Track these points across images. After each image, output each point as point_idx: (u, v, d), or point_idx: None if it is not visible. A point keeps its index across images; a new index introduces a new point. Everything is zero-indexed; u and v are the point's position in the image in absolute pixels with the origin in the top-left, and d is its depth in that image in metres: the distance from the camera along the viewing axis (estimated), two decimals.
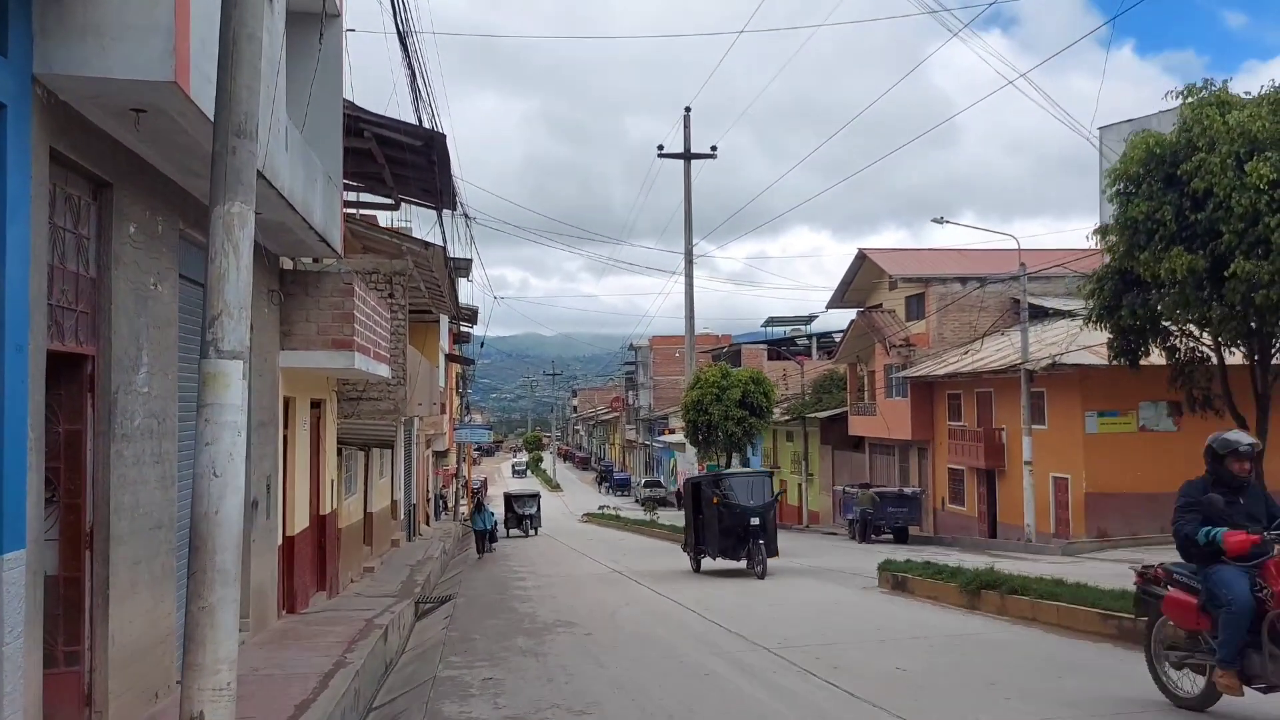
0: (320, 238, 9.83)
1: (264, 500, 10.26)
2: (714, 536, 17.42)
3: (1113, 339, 17.34)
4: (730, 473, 18.74)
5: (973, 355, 29.76)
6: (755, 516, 16.84)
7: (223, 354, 4.90)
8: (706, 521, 17.86)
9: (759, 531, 16.80)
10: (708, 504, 17.68)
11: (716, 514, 17.25)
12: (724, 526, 17.08)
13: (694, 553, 18.76)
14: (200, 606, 4.77)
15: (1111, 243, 16.16)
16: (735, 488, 17.44)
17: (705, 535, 17.94)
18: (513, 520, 36.17)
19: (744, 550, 16.91)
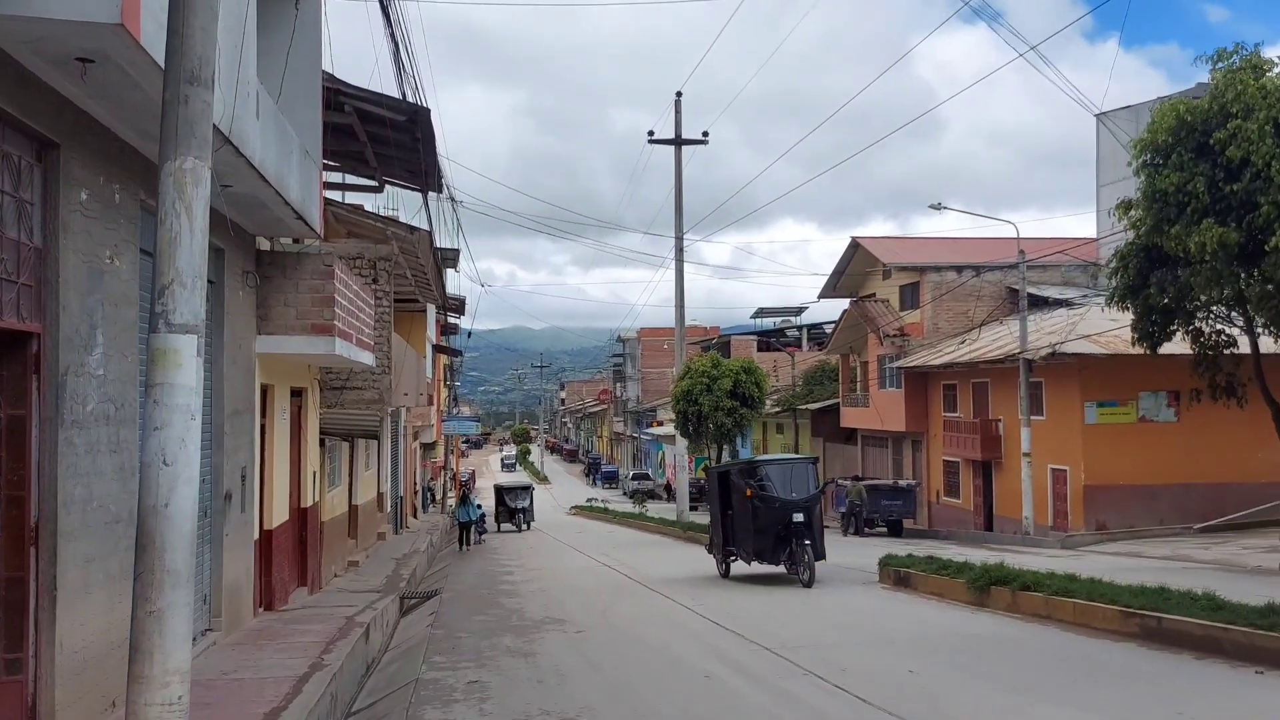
0: (297, 215, 9.28)
1: (238, 492, 9.72)
2: (747, 536, 14.83)
3: (1136, 320, 16.44)
4: (767, 460, 15.89)
5: (969, 345, 29.33)
6: (798, 512, 14.08)
7: (174, 327, 4.37)
8: (737, 518, 15.30)
9: (803, 530, 14.10)
10: (739, 497, 15.08)
11: (750, 509, 14.56)
12: (760, 524, 14.42)
13: (721, 555, 16.16)
14: (148, 612, 4.25)
15: (1136, 218, 15.34)
16: (773, 478, 14.58)
17: (737, 534, 15.34)
18: (504, 514, 34.72)
19: (784, 552, 14.32)
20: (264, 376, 10.91)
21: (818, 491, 14.80)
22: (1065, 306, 29.26)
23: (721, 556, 16.18)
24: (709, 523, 16.94)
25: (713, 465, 17.88)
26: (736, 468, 15.88)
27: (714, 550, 16.49)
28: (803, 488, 14.58)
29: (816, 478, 15.18)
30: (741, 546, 15.23)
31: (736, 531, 15.37)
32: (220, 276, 9.23)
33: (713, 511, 16.54)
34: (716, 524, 16.24)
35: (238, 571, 9.69)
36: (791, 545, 14.15)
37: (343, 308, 11.12)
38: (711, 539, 16.68)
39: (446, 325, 39.04)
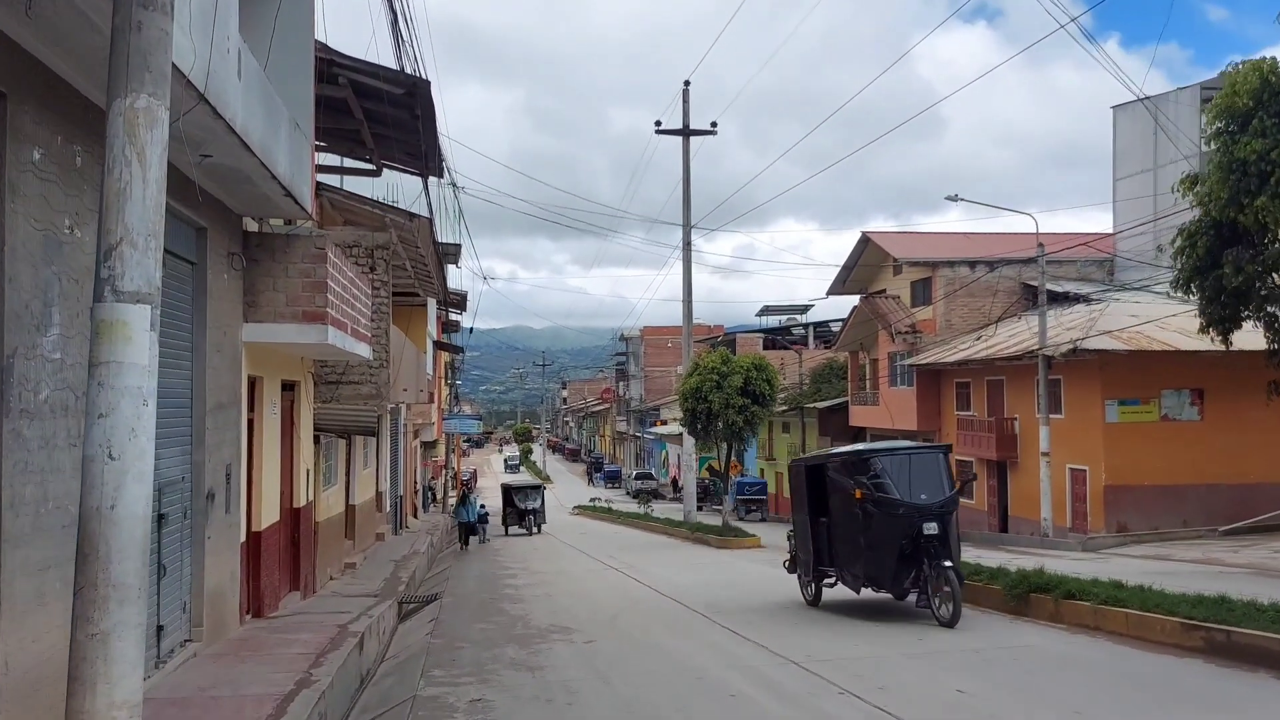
0: (286, 192, 8.58)
1: (222, 492, 9.02)
2: (855, 553, 11.07)
3: (1204, 304, 15.19)
4: (881, 449, 11.47)
5: (985, 341, 28.60)
6: (931, 521, 10.39)
7: (122, 295, 3.68)
8: (838, 528, 11.57)
9: (938, 546, 10.35)
10: (841, 500, 11.40)
11: (861, 517, 10.80)
12: (874, 536, 10.69)
13: (812, 576, 12.25)
14: (89, 634, 3.55)
15: (1203, 193, 14.24)
16: (891, 473, 10.72)
17: (838, 550, 11.61)
18: (513, 516, 32.31)
19: (910, 576, 10.52)
20: (252, 368, 10.22)
21: (955, 492, 10.72)
22: (1084, 302, 28.52)
23: (811, 578, 12.30)
24: (791, 533, 13.14)
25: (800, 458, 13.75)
26: (838, 460, 11.69)
27: (800, 570, 12.76)
28: (934, 487, 10.66)
29: (951, 473, 11.07)
30: (846, 567, 11.38)
31: (838, 546, 11.57)
32: (202, 258, 8.54)
33: (797, 519, 12.82)
34: (805, 535, 12.40)
35: (221, 577, 8.99)
36: (923, 567, 10.35)
37: (336, 295, 10.43)
38: (795, 555, 12.95)
39: (447, 322, 38.37)
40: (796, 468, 13.08)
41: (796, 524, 12.89)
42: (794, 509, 13.17)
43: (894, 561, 10.49)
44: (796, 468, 13.08)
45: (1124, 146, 33.00)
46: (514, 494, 32.77)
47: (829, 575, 11.99)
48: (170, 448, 7.93)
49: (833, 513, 11.72)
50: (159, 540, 7.53)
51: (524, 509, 31.93)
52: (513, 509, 32.29)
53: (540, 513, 32.36)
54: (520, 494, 32.68)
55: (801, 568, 12.73)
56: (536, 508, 32.12)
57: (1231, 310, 14.70)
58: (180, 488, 8.11)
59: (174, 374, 8.04)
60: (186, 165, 7.43)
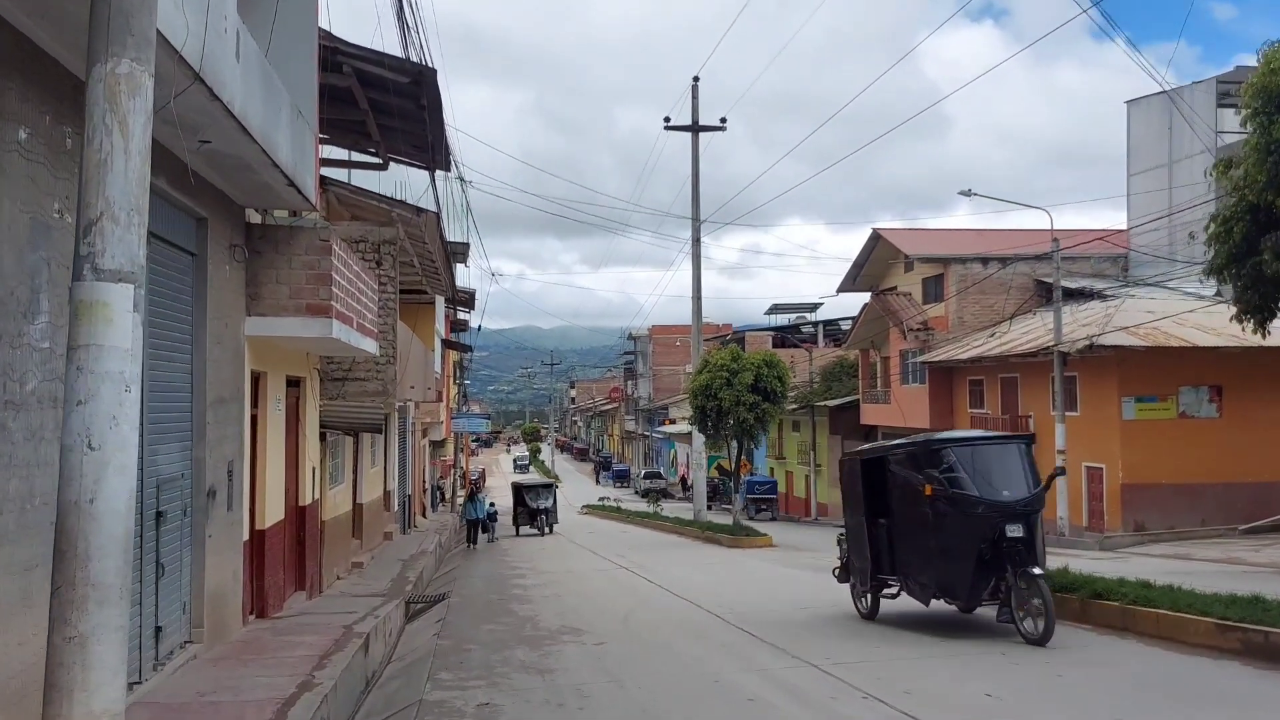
0: (289, 181, 8.34)
1: (224, 489, 8.79)
2: (925, 558, 9.53)
3: (1240, 292, 14.64)
4: (955, 438, 9.92)
5: (998, 338, 28.26)
6: (1015, 522, 8.88)
7: (103, 274, 3.42)
8: (901, 529, 9.99)
9: (1023, 551, 8.84)
10: (904, 496, 9.84)
11: (931, 516, 9.29)
12: (948, 539, 9.14)
13: (869, 584, 10.59)
14: (66, 638, 3.30)
15: (1238, 177, 13.74)
16: (966, 466, 9.21)
17: (901, 555, 10.02)
18: (524, 516, 31.38)
19: (990, 584, 9.00)
20: (255, 362, 10.00)
21: (1041, 489, 9.19)
22: (1099, 298, 28.16)
23: (867, 588, 10.65)
24: (842, 537, 11.54)
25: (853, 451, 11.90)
26: (903, 452, 10.07)
27: (853, 579, 11.09)
28: (1016, 482, 9.13)
29: (1035, 466, 9.45)
30: (913, 574, 9.80)
31: (901, 550, 10.01)
32: (203, 248, 8.31)
33: (851, 522, 11.14)
34: (860, 539, 10.73)
35: (223, 576, 8.76)
36: (1006, 575, 8.81)
37: (341, 288, 10.19)
38: (847, 561, 11.26)
39: (456, 322, 38.18)
40: (850, 463, 11.28)
41: (850, 527, 11.17)
42: (847, 510, 11.42)
43: (971, 568, 8.96)
44: (850, 463, 11.28)
45: (1138, 142, 32.62)
46: (525, 493, 31.92)
47: (890, 584, 10.34)
48: (170, 443, 7.70)
49: (895, 513, 10.06)
50: (157, 538, 7.31)
51: (535, 508, 31.08)
52: (524, 509, 31.55)
53: (552, 512, 31.54)
54: (531, 493, 31.82)
55: (855, 576, 10.96)
56: (548, 507, 31.26)
57: (1269, 298, 14.17)
58: (180, 484, 7.88)
59: (174, 367, 7.81)
60: (185, 152, 7.21)
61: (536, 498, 31.28)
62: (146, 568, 7.11)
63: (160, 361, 7.45)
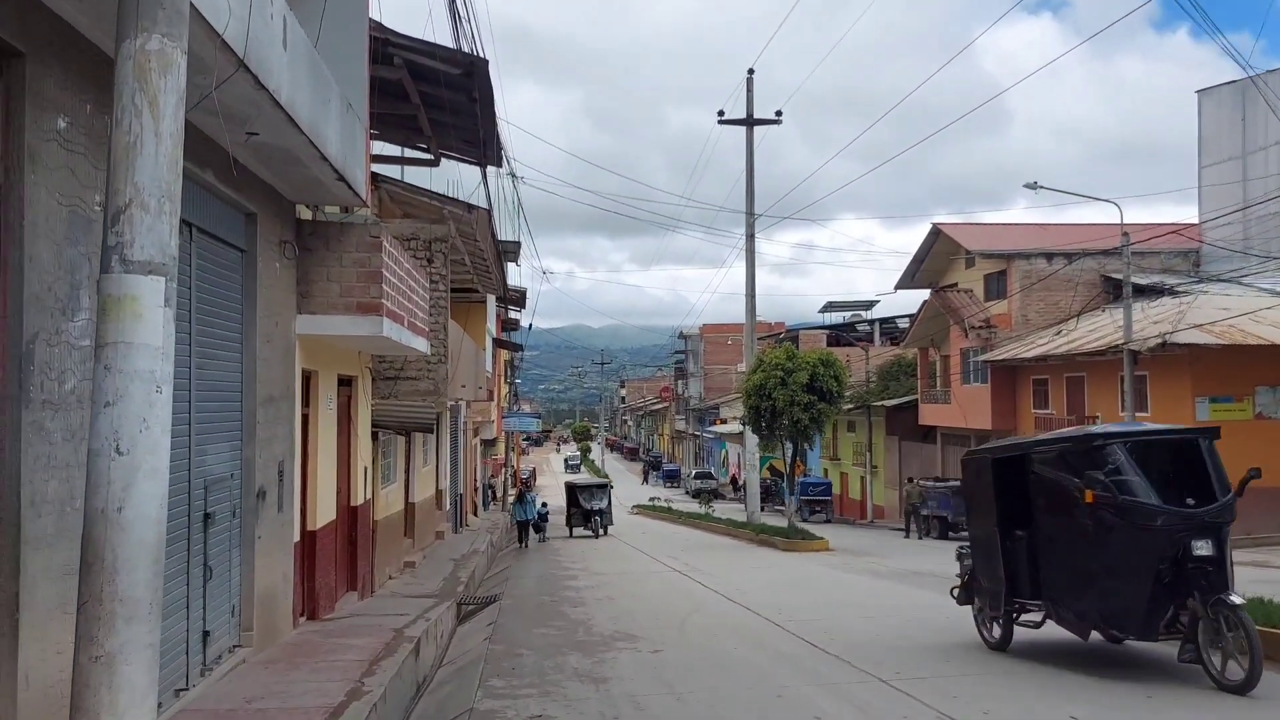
0: (339, 176, 8.16)
1: (274, 489, 8.64)
2: (1082, 578, 7.89)
3: None
4: (1122, 432, 8.21)
5: (1064, 336, 27.36)
6: (1204, 537, 7.30)
7: (132, 266, 3.18)
8: (1051, 544, 8.30)
9: (1212, 573, 7.28)
10: (1057, 505, 8.17)
11: (1092, 529, 7.66)
12: (1115, 558, 7.54)
13: (1003, 609, 8.83)
14: (92, 657, 3.07)
15: None
16: (1144, 465, 7.66)
17: (1051, 574, 8.29)
18: (577, 517, 30.49)
19: (1168, 613, 7.38)
20: (306, 361, 9.86)
21: (1231, 496, 7.51)
22: (1169, 295, 27.14)
23: (999, 612, 8.90)
24: (963, 551, 9.87)
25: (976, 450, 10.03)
26: (1052, 449, 8.42)
27: (980, 602, 9.35)
28: (1201, 487, 7.54)
29: (1221, 467, 7.68)
30: (1065, 600, 8.12)
31: (1048, 570, 8.31)
32: (252, 245, 8.16)
33: (978, 533, 9.50)
34: (990, 554, 8.98)
35: (273, 578, 8.61)
36: (1192, 603, 7.21)
37: (392, 285, 10.02)
38: (969, 580, 9.58)
39: (507, 321, 38.18)
40: (977, 462, 9.55)
41: (976, 539, 9.50)
42: (972, 519, 9.79)
43: (1146, 594, 7.28)
44: (977, 462, 9.55)
45: (1210, 133, 31.42)
46: (579, 493, 31.02)
47: (1031, 610, 8.69)
48: (218, 443, 7.55)
49: (1040, 524, 8.41)
50: (205, 541, 7.16)
51: (589, 509, 30.23)
52: (577, 509, 30.69)
53: (607, 513, 30.66)
54: (585, 493, 30.93)
55: (982, 598, 9.22)
56: (603, 508, 30.38)
57: None
58: (228, 485, 7.73)
59: (223, 365, 7.66)
60: (232, 144, 7.04)
61: (590, 498, 30.55)
62: (194, 571, 6.96)
63: (209, 360, 7.30)
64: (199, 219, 7.03)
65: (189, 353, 6.86)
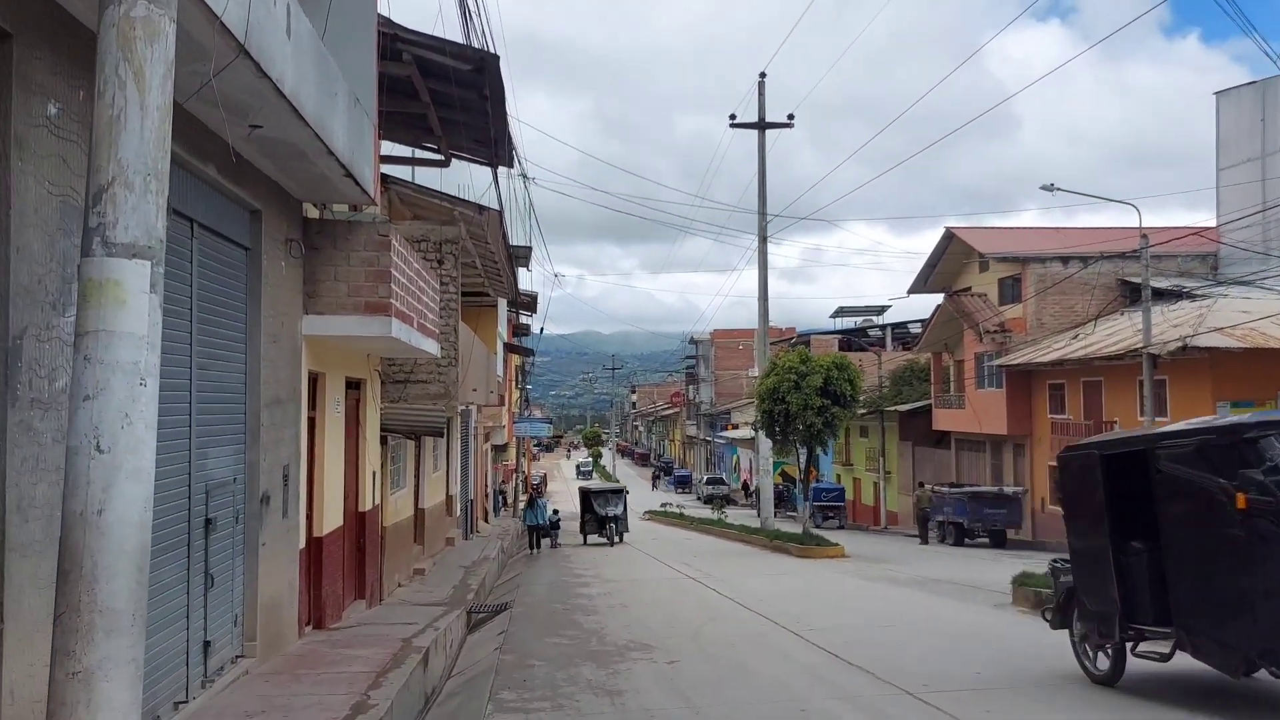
0: (346, 172, 7.93)
1: (279, 494, 8.41)
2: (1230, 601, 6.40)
3: None
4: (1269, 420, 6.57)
5: (1081, 340, 26.99)
6: None
7: (114, 249, 2.94)
8: (1182, 557, 6.91)
9: None
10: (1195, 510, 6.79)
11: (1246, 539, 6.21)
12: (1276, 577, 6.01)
13: (1117, 635, 7.44)
14: (69, 672, 2.82)
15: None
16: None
17: (1183, 595, 6.88)
18: (591, 524, 29.29)
19: None
20: (313, 363, 9.63)
21: None
22: (1188, 298, 26.76)
23: (1112, 639, 7.51)
24: (1059, 563, 8.79)
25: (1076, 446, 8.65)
26: (1185, 442, 7.02)
27: (1080, 624, 8.02)
28: None
29: None
30: (1205, 628, 6.64)
31: (1178, 590, 6.91)
32: (257, 243, 7.93)
33: (1080, 542, 8.10)
34: (1098, 569, 7.67)
35: (278, 586, 8.37)
36: None
37: (401, 285, 9.79)
38: (1066, 599, 8.28)
39: (518, 326, 37.97)
40: (1080, 459, 8.13)
41: (1079, 552, 8.08)
42: (1073, 527, 8.25)
43: None
44: (1080, 459, 8.13)
45: (1228, 135, 31.04)
46: (593, 499, 29.65)
47: (1156, 636, 7.21)
48: (221, 446, 7.32)
49: (1170, 533, 7.02)
50: (206, 547, 6.92)
51: (604, 515, 28.87)
52: (591, 516, 29.35)
53: (622, 520, 29.27)
54: (600, 499, 29.54)
55: (1086, 623, 7.84)
56: (618, 514, 29.02)
57: None
58: (231, 490, 7.49)
59: (226, 366, 7.43)
60: (235, 138, 6.82)
61: (605, 504, 29.26)
62: (195, 578, 6.72)
63: (211, 360, 7.07)
64: (201, 215, 6.82)
65: (189, 352, 6.64)
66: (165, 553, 6.20)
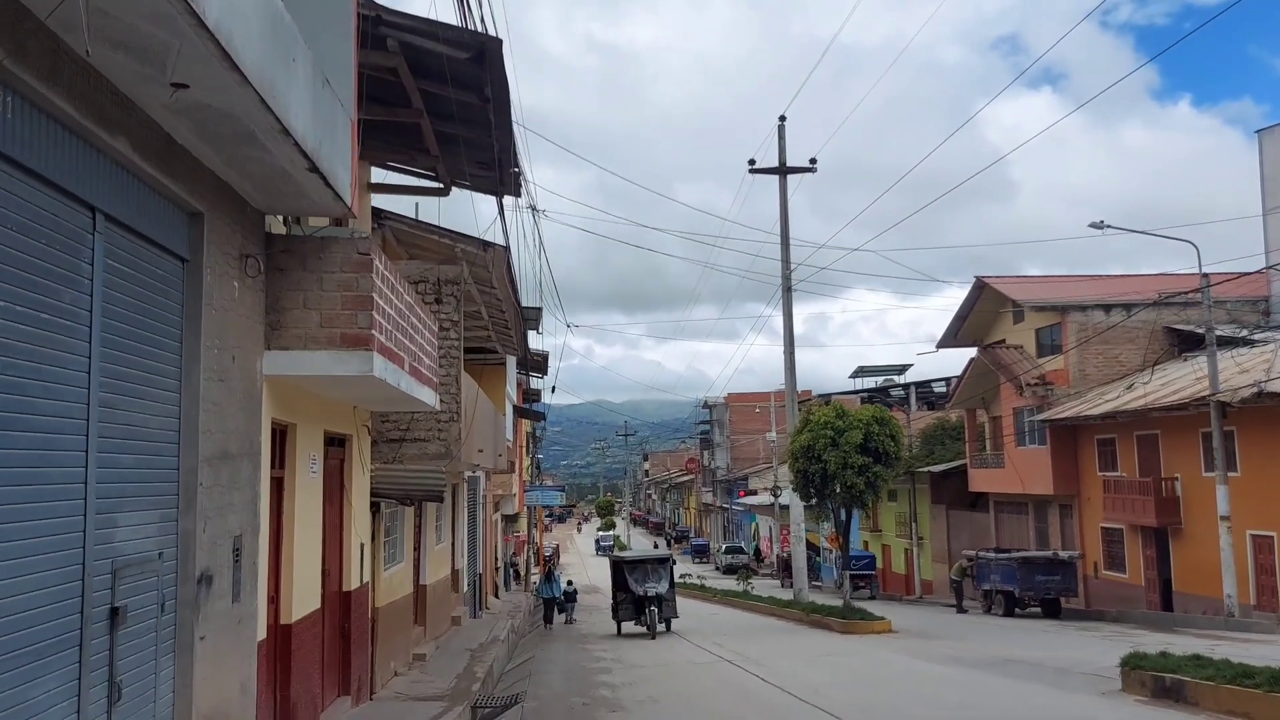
0: (310, 164, 6.32)
1: (227, 574, 6.62)
2: None
3: None
4: None
5: (1135, 391, 25.12)
6: None
7: None
8: None
9: None
10: None
11: None
12: None
13: None
14: None
15: None
16: None
17: None
18: (626, 606, 21.72)
19: None
20: (279, 411, 7.92)
21: None
22: (1245, 344, 24.95)
23: None
24: None
25: None
26: None
27: None
28: None
29: None
30: None
31: None
32: (198, 254, 6.29)
33: None
34: None
35: (224, 693, 6.53)
36: None
37: (387, 316, 8.12)
38: None
39: (528, 392, 36.36)
40: None
41: None
42: None
43: None
44: None
45: (1272, 173, 29.53)
46: (628, 571, 21.97)
47: None
48: (138, 512, 5.56)
49: None
50: (111, 647, 5.12)
51: (643, 594, 21.17)
52: (626, 596, 21.77)
53: (668, 601, 21.75)
54: (637, 573, 21.77)
55: None
56: (661, 592, 21.35)
57: None
58: (153, 568, 5.71)
59: (150, 408, 5.72)
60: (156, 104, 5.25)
61: (644, 579, 21.50)
62: (91, 691, 4.92)
63: (124, 398, 5.37)
64: (109, 204, 5.17)
65: (86, 383, 4.95)
66: (37, 659, 4.44)
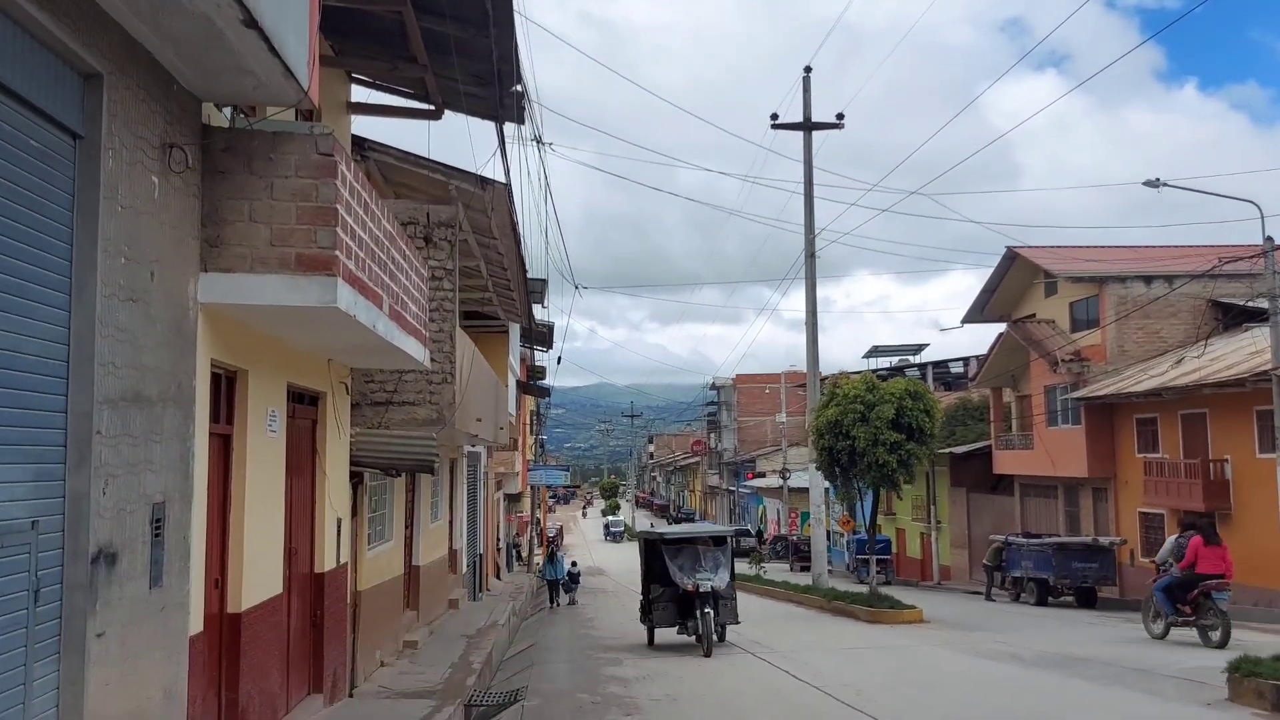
0: (247, 17, 4.77)
1: (140, 551, 5.13)
2: None
3: None
4: None
5: (1181, 367, 23.52)
6: None
7: None
8: None
9: None
10: None
11: None
12: None
13: None
14: None
15: None
16: None
17: None
18: (667, 607, 14.88)
19: None
20: (223, 351, 6.42)
21: None
22: None
23: None
24: None
25: None
26: None
27: None
28: None
29: None
30: None
31: None
32: (95, 129, 4.76)
33: None
34: None
35: (138, 699, 5.06)
36: None
37: (357, 239, 6.60)
38: None
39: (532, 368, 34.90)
40: None
41: None
42: None
43: None
44: None
45: None
46: (669, 556, 14.88)
47: None
48: None
49: None
50: None
51: (692, 589, 14.15)
52: (664, 591, 14.91)
53: (729, 601, 14.92)
54: (683, 555, 14.84)
55: None
56: (720, 588, 14.34)
57: None
58: (23, 542, 4.23)
59: (21, 326, 4.23)
60: None
61: (694, 566, 14.52)
62: None
63: None
64: None
65: None
66: None
